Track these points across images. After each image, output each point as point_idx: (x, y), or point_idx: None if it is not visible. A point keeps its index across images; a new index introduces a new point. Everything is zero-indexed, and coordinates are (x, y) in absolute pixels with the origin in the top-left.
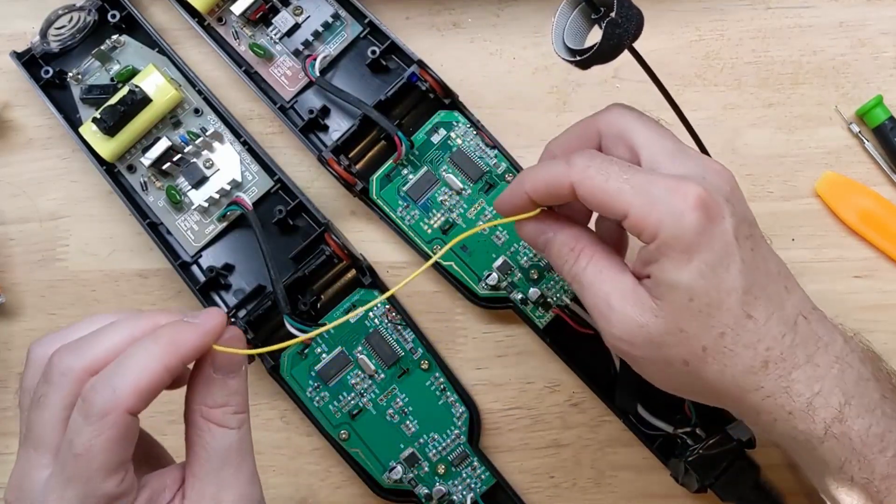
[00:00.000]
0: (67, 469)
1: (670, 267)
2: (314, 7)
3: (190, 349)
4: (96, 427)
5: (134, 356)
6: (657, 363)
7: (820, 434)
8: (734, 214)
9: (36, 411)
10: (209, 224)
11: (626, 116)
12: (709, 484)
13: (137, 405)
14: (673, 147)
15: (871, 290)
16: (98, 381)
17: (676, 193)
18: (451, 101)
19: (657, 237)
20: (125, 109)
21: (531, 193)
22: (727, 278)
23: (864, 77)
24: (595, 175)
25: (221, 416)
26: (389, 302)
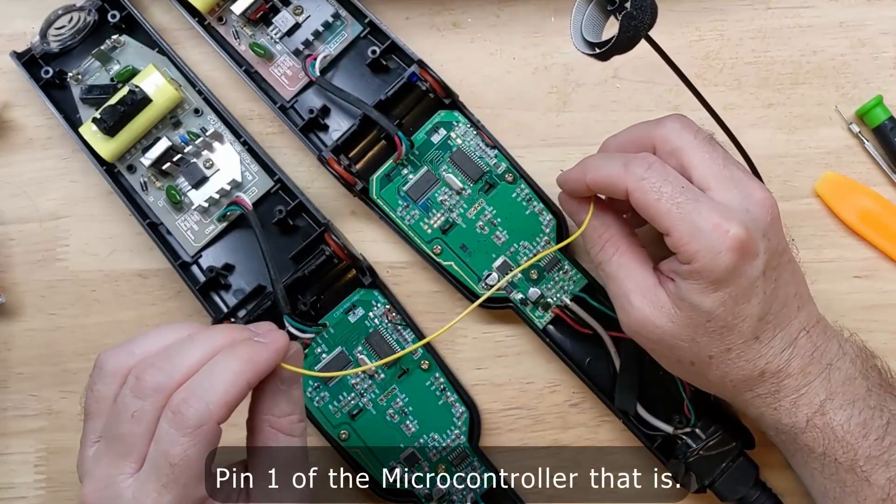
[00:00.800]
0: (163, 477)
1: (696, 290)
2: (314, 7)
3: (266, 366)
4: (191, 438)
5: (219, 372)
6: (667, 357)
7: (802, 425)
8: (768, 250)
9: (130, 424)
10: (209, 224)
11: (681, 133)
12: (708, 484)
13: (225, 417)
14: (723, 172)
15: (871, 290)
16: (190, 396)
17: (718, 231)
18: (451, 101)
19: (691, 263)
20: (125, 109)
21: (591, 184)
22: (745, 308)
23: (864, 77)
24: (649, 190)
25: (288, 426)
26: (390, 302)
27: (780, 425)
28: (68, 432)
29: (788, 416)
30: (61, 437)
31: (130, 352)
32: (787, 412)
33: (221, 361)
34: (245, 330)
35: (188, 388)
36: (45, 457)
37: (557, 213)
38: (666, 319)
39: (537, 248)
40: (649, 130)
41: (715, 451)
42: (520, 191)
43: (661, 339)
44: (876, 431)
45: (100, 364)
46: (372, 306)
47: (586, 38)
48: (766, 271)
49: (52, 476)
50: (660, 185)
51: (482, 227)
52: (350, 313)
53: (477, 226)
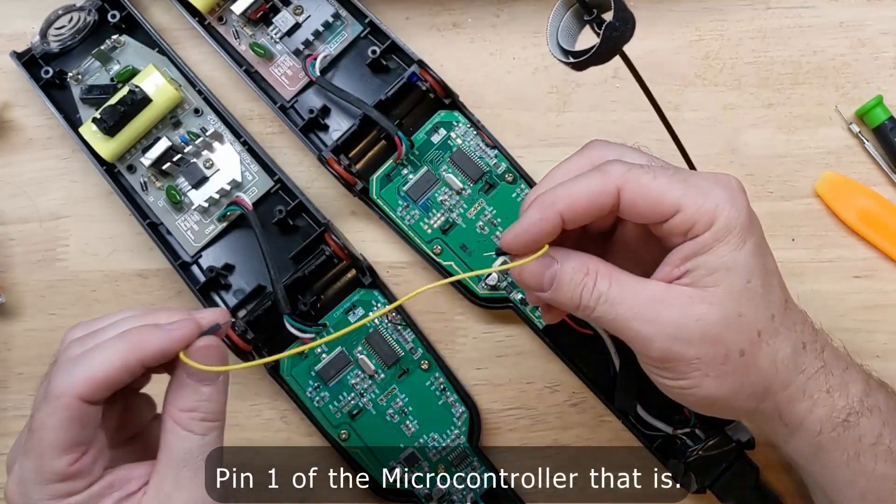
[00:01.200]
0: (28, 441)
1: (728, 250)
2: (315, 7)
3: (152, 352)
4: (50, 407)
5: (99, 349)
6: (713, 361)
7: (857, 407)
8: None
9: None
10: (209, 224)
11: (610, 147)
12: (708, 484)
13: (90, 393)
14: (669, 165)
15: (871, 290)
16: (60, 366)
17: (720, 182)
18: (451, 101)
19: (715, 223)
20: (125, 109)
21: (566, 213)
22: (769, 260)
23: (864, 77)
24: (641, 174)
25: (187, 420)
26: (390, 302)
27: (836, 411)
28: None
29: (843, 397)
30: None
31: (84, 329)
32: (840, 392)
33: (109, 341)
34: (157, 314)
35: (65, 361)
36: None
37: None
38: (703, 305)
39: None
40: (579, 160)
41: (715, 452)
42: (520, 191)
43: (705, 331)
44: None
45: (62, 341)
46: (372, 306)
47: (562, 45)
48: (762, 230)
49: None
50: (647, 168)
51: (482, 227)
52: (350, 313)
53: (477, 226)
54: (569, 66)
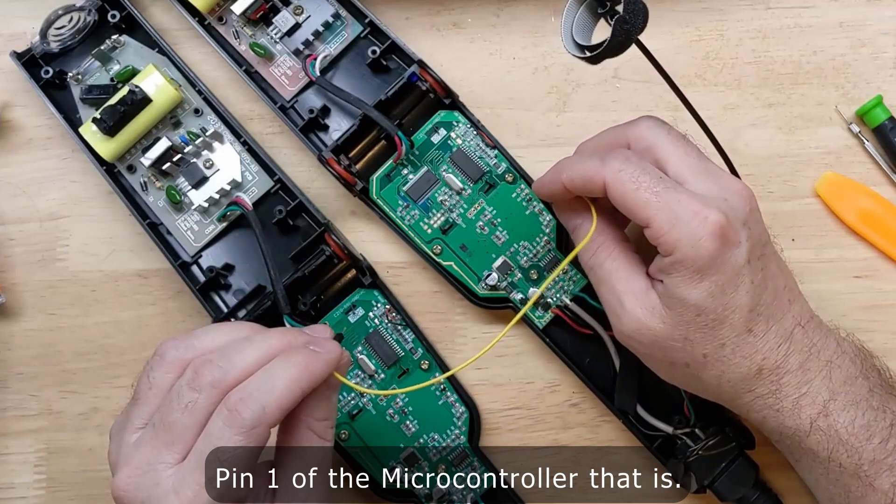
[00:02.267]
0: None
1: (682, 283)
2: (315, 7)
3: (321, 376)
4: (244, 437)
5: (277, 376)
6: (661, 360)
7: (806, 428)
8: (750, 238)
9: (182, 414)
10: (209, 224)
11: (654, 130)
12: (708, 484)
13: (278, 421)
14: (698, 165)
15: (871, 290)
16: (248, 397)
17: (697, 217)
18: (451, 101)
19: (673, 254)
20: (125, 109)
21: (567, 183)
22: (735, 298)
23: (864, 77)
24: (626, 181)
25: (323, 430)
26: (390, 302)
27: (784, 429)
28: (68, 432)
29: (791, 419)
30: (61, 437)
31: (191, 345)
32: (789, 414)
33: (279, 366)
34: (301, 334)
35: (245, 388)
36: (45, 457)
37: None
38: (657, 321)
39: (537, 249)
40: (623, 131)
41: (715, 451)
42: (520, 191)
43: (654, 341)
44: (880, 434)
45: (161, 352)
46: (372, 306)
47: (577, 40)
48: (751, 260)
49: (52, 476)
50: (637, 176)
51: (482, 227)
52: (350, 313)
53: (477, 226)
54: (584, 60)
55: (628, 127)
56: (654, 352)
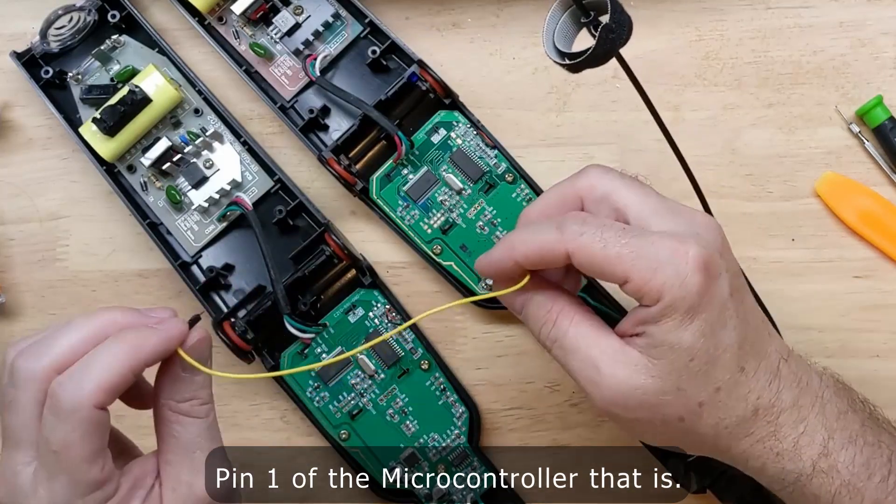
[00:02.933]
0: (49, 465)
1: (672, 328)
2: (315, 6)
3: (152, 354)
4: (68, 423)
5: (99, 355)
6: (651, 423)
7: (808, 471)
8: (728, 269)
9: (9, 414)
10: (209, 224)
11: (605, 177)
12: (708, 484)
13: (104, 400)
14: (659, 205)
15: (871, 290)
16: (65, 379)
17: (677, 255)
18: (451, 101)
19: (661, 300)
20: (125, 109)
21: (522, 261)
22: (724, 335)
23: (864, 77)
24: (592, 242)
25: (188, 408)
26: (390, 302)
27: (785, 474)
28: None
29: (792, 462)
30: None
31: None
32: (790, 457)
33: (104, 346)
34: (137, 314)
35: (66, 373)
36: None
37: None
38: (644, 376)
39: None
40: (572, 186)
41: None
42: (520, 191)
43: (643, 401)
44: (880, 471)
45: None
46: (372, 306)
47: (559, 47)
48: (733, 293)
49: None
50: (601, 233)
51: (482, 227)
52: (350, 313)
53: (477, 226)
54: (564, 67)
55: (576, 179)
56: (643, 414)
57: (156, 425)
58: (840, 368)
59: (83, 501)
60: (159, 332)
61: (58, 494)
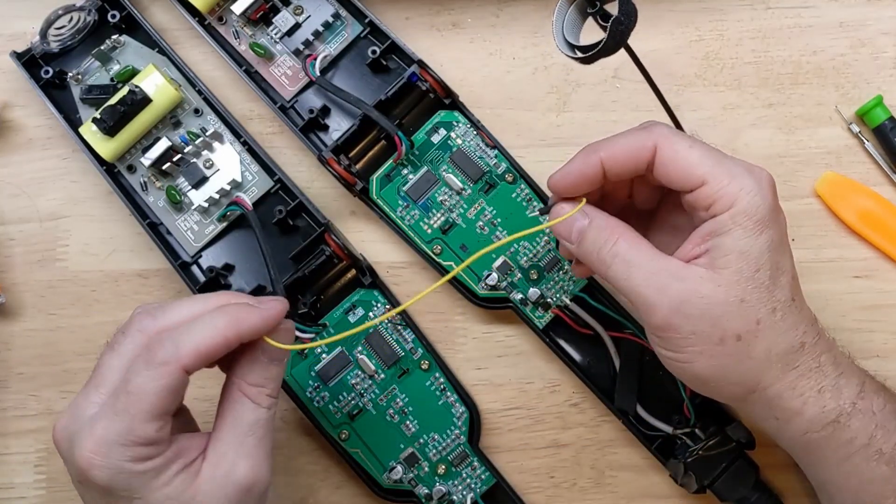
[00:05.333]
0: (119, 403)
1: (744, 234)
2: (315, 7)
3: (250, 329)
4: (154, 373)
5: (200, 323)
6: (709, 340)
7: (848, 409)
8: (782, 210)
9: (107, 355)
10: (209, 224)
11: (672, 132)
12: (708, 484)
13: (194, 364)
14: (719, 153)
15: (871, 290)
16: (165, 336)
17: (753, 172)
18: (451, 101)
19: (734, 206)
20: (125, 109)
21: (607, 160)
22: (784, 259)
23: (864, 77)
24: (680, 140)
25: (256, 394)
26: (390, 302)
27: (826, 412)
28: None
29: (834, 399)
30: None
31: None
32: (831, 394)
33: (208, 315)
34: (246, 297)
35: (168, 330)
36: (45, 457)
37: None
38: (711, 285)
39: (537, 249)
40: (648, 133)
41: (714, 452)
42: (520, 191)
43: (707, 310)
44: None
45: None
46: (372, 306)
47: (568, 40)
48: (787, 231)
49: (52, 476)
50: (687, 137)
51: (482, 227)
52: (350, 313)
53: (477, 226)
54: (576, 60)
55: (646, 131)
56: (704, 326)
57: (220, 402)
58: None
59: (128, 450)
60: (260, 310)
61: (110, 433)
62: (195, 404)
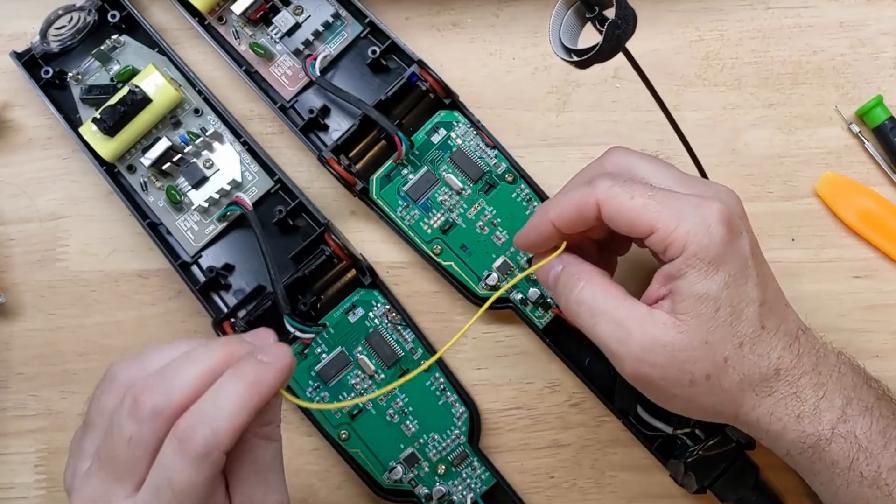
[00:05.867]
0: (164, 503)
1: (698, 278)
2: (315, 6)
3: (272, 390)
4: (199, 467)
5: (224, 397)
6: (680, 383)
7: (827, 434)
8: (748, 231)
9: (127, 448)
10: (209, 224)
11: (627, 156)
12: (708, 485)
13: (232, 444)
14: (681, 176)
15: (870, 290)
16: (198, 424)
17: (701, 208)
18: (451, 101)
19: (685, 250)
20: (125, 109)
21: (556, 221)
22: (747, 290)
23: (864, 77)
24: (620, 193)
25: (270, 432)
26: (390, 302)
27: (805, 438)
28: (68, 432)
29: (812, 425)
30: (61, 437)
31: (143, 367)
32: (810, 419)
33: (228, 384)
34: (244, 343)
35: (194, 413)
36: (45, 457)
37: None
38: (673, 332)
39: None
40: (598, 165)
41: (714, 452)
42: (520, 191)
43: (672, 357)
44: (894, 442)
45: (111, 375)
46: (372, 306)
47: (565, 44)
48: (753, 254)
49: (52, 476)
50: (629, 187)
51: (482, 227)
52: (350, 313)
53: (477, 226)
54: (572, 64)
55: (601, 160)
56: (672, 372)
57: (233, 448)
58: None
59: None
60: (273, 367)
61: None
62: None
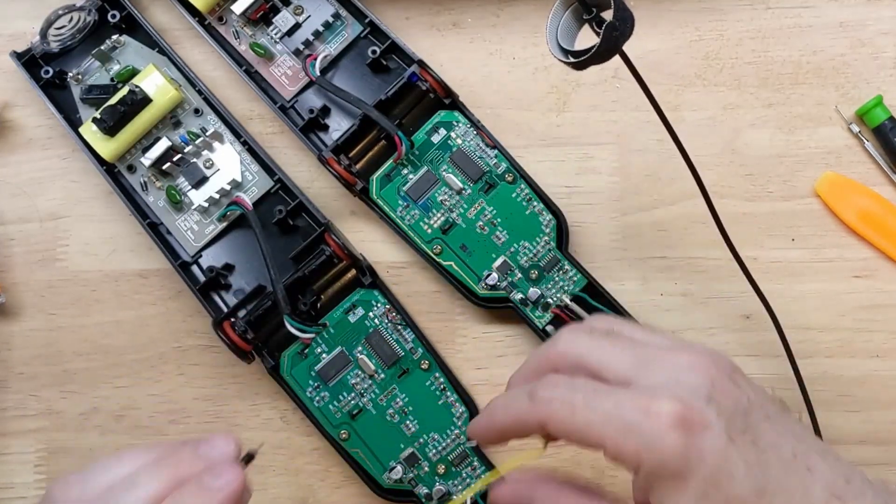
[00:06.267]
0: None
1: (667, 494)
2: (315, 6)
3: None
4: None
5: None
6: None
7: None
8: (722, 413)
9: None
10: (209, 224)
11: (574, 343)
12: None
13: None
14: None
15: (870, 289)
16: None
17: (649, 416)
18: (452, 101)
19: (640, 468)
20: (125, 109)
21: (501, 432)
22: (734, 487)
23: (864, 77)
24: (559, 410)
25: None
26: (390, 302)
27: None
28: (68, 432)
29: None
30: (61, 437)
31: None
32: None
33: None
34: (196, 460)
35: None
36: (45, 457)
37: (557, 212)
38: None
39: (537, 249)
40: (545, 353)
41: None
42: (520, 191)
43: None
44: None
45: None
46: (372, 306)
47: (562, 45)
48: (735, 438)
49: (53, 476)
50: (570, 398)
51: (482, 227)
52: (350, 313)
53: (477, 226)
54: (569, 65)
55: (549, 347)
56: None
57: None
58: (840, 368)
59: None
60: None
61: None
62: (195, 404)
